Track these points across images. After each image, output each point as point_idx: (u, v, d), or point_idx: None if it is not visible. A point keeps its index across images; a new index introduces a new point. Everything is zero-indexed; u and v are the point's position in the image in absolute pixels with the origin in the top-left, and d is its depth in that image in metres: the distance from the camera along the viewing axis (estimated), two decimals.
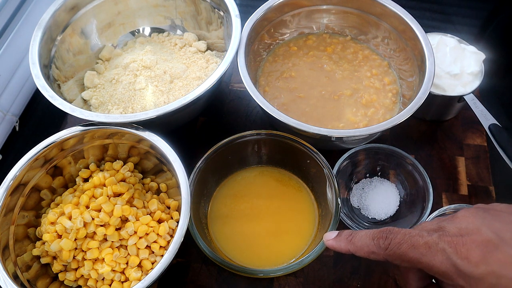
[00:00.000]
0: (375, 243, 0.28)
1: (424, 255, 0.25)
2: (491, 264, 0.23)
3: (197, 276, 0.45)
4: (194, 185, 0.41)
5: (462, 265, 0.24)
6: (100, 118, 0.43)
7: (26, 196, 0.42)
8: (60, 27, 0.52)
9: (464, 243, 0.24)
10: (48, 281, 0.41)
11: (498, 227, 0.24)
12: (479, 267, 0.23)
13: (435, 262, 0.25)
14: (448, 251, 0.24)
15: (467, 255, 0.24)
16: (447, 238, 0.25)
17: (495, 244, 0.23)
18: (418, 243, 0.26)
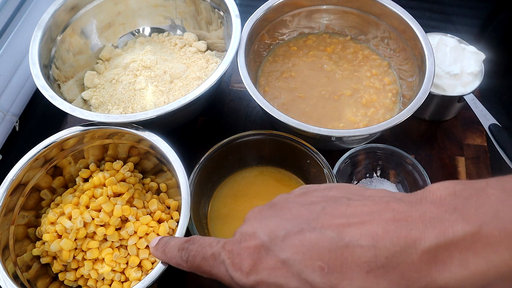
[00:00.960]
0: (180, 254, 0.28)
1: (212, 266, 0.25)
2: (260, 273, 0.22)
3: (197, 276, 0.44)
4: (194, 185, 0.41)
5: (236, 277, 0.23)
6: (100, 118, 0.43)
7: (26, 196, 0.42)
8: (60, 27, 0.52)
9: (238, 252, 0.23)
10: (48, 281, 0.41)
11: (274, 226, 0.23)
12: (249, 277, 0.22)
13: (220, 274, 0.24)
14: (226, 262, 0.24)
15: (240, 265, 0.23)
16: (228, 247, 0.24)
17: (266, 248, 0.22)
18: (207, 255, 0.25)
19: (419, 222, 0.19)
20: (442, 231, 0.18)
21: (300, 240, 0.21)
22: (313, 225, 0.21)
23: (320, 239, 0.20)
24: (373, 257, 0.19)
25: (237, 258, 0.23)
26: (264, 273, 0.21)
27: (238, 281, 0.23)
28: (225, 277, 0.24)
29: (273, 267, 0.21)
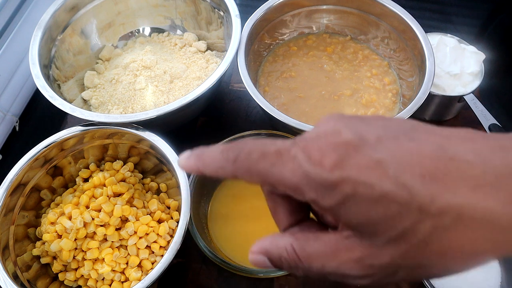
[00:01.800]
0: (223, 156, 0.22)
1: (274, 165, 0.20)
2: (347, 169, 0.18)
3: (197, 276, 0.45)
4: (194, 185, 0.41)
5: (313, 172, 0.18)
6: (100, 118, 0.43)
7: (26, 196, 0.42)
8: (60, 27, 0.52)
9: (319, 147, 0.19)
10: (48, 281, 0.41)
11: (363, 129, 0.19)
12: (333, 172, 0.18)
13: (285, 172, 0.19)
14: (299, 157, 0.19)
15: (321, 160, 0.19)
16: (302, 143, 0.20)
17: (355, 146, 0.18)
18: (269, 151, 0.20)
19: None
20: None
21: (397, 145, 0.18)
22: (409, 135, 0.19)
23: (420, 148, 0.18)
24: (481, 173, 0.17)
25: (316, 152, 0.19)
26: (353, 170, 0.18)
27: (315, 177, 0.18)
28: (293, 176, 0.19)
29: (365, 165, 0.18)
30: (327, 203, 0.19)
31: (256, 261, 0.22)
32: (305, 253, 0.21)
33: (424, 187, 0.17)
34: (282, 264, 0.22)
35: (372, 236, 0.18)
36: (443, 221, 0.17)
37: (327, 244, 0.20)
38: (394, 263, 0.18)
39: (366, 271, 0.19)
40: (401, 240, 0.18)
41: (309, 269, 0.21)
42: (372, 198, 0.18)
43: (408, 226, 0.17)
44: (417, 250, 0.18)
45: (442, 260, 0.18)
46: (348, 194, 0.18)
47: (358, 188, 0.18)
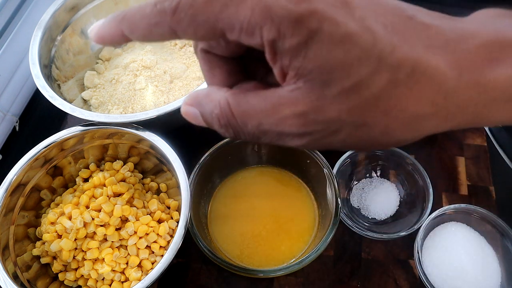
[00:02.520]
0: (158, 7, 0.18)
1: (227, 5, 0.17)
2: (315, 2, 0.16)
3: (197, 276, 0.45)
4: (194, 185, 0.41)
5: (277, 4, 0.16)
6: (100, 118, 0.43)
7: (26, 196, 0.42)
8: (60, 27, 0.52)
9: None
10: (48, 281, 0.41)
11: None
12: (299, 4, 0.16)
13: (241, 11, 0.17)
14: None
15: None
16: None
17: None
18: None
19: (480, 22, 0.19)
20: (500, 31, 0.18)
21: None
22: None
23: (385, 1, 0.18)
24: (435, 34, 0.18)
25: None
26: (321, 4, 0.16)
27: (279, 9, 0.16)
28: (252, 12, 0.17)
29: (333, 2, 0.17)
30: (288, 43, 0.17)
31: (188, 113, 0.21)
32: (240, 109, 0.19)
33: (386, 35, 0.17)
34: (212, 120, 0.20)
35: (324, 85, 0.17)
36: (398, 74, 0.17)
37: (267, 99, 0.18)
38: (339, 118, 0.17)
39: (307, 128, 0.18)
40: (353, 92, 0.17)
41: (242, 127, 0.19)
42: (336, 37, 0.16)
43: (364, 76, 0.17)
44: (365, 106, 0.17)
45: (385, 120, 0.17)
46: (313, 29, 0.16)
47: (324, 24, 0.16)
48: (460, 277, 0.42)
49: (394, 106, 0.17)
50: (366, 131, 0.18)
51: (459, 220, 0.45)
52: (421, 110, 0.17)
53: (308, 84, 0.17)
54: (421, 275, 0.42)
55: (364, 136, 0.18)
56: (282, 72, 0.18)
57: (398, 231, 0.43)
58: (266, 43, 0.17)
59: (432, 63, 0.17)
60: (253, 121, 0.18)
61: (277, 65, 0.18)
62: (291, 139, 0.19)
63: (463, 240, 0.44)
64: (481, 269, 0.42)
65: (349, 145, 0.19)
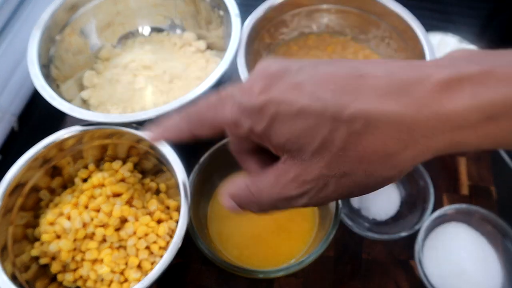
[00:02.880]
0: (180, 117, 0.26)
1: (217, 109, 0.24)
2: (271, 93, 0.21)
3: (197, 277, 0.44)
4: (194, 185, 0.41)
5: (245, 101, 0.22)
6: (99, 118, 0.42)
7: (25, 196, 0.42)
8: (59, 27, 0.52)
9: (250, 80, 0.22)
10: (46, 281, 0.40)
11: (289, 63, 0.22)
12: (259, 97, 0.21)
13: (226, 112, 0.23)
14: (234, 94, 0.23)
15: (250, 89, 0.22)
16: (239, 85, 0.23)
17: (280, 75, 0.21)
18: (212, 100, 0.24)
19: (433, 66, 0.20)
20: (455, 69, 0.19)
21: (315, 70, 0.21)
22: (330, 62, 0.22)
23: (336, 70, 0.21)
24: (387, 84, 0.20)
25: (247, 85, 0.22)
26: (275, 93, 0.21)
27: (246, 104, 0.22)
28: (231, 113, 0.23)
29: (286, 88, 0.21)
30: (259, 128, 0.21)
31: (227, 205, 0.26)
32: (256, 188, 0.24)
33: (336, 99, 0.19)
34: (242, 202, 0.25)
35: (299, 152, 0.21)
36: (354, 126, 0.19)
37: (271, 175, 0.23)
38: (322, 174, 0.21)
39: (302, 188, 0.22)
40: (323, 150, 0.20)
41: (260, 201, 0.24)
42: (292, 113, 0.20)
43: (325, 135, 0.20)
44: (338, 159, 0.20)
45: (362, 165, 0.20)
46: (273, 113, 0.21)
47: (280, 107, 0.20)
48: (460, 278, 0.42)
49: (363, 152, 0.19)
50: (350, 179, 0.20)
51: (460, 220, 0.45)
52: (390, 148, 0.19)
53: (288, 154, 0.22)
54: (421, 275, 0.41)
55: (350, 183, 0.21)
56: (274, 150, 0.23)
57: (399, 231, 0.43)
58: (248, 131, 0.22)
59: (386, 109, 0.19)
60: (265, 195, 0.23)
61: (267, 146, 0.23)
62: (297, 201, 0.22)
63: (464, 240, 0.43)
64: (482, 269, 0.42)
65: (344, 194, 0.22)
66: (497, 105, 0.18)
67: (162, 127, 0.27)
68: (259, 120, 0.21)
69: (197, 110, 0.25)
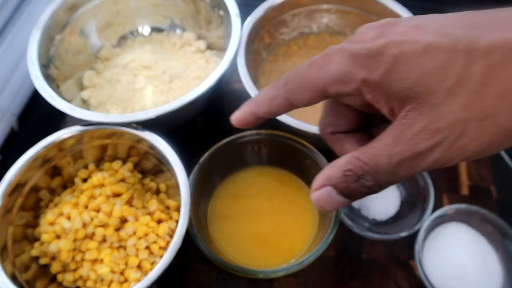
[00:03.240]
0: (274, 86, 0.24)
1: (322, 66, 0.21)
2: (389, 36, 0.19)
3: (197, 277, 0.44)
4: (194, 185, 0.41)
5: (358, 48, 0.19)
6: (99, 118, 0.42)
7: (25, 196, 0.42)
8: (59, 27, 0.51)
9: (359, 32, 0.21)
10: (46, 282, 0.40)
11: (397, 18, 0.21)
12: (375, 41, 0.19)
13: (333, 66, 0.20)
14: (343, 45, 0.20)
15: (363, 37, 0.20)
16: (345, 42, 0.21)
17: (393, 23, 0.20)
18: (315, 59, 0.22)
19: None
20: None
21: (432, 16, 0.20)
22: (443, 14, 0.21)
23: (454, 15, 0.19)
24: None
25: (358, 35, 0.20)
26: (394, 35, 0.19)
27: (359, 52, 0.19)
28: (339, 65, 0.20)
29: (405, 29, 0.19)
30: (377, 74, 0.19)
31: (320, 197, 0.21)
32: (368, 155, 0.20)
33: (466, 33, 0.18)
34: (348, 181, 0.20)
35: (429, 95, 0.18)
36: (494, 57, 0.17)
37: (387, 136, 0.19)
38: (459, 118, 0.18)
39: (433, 139, 0.18)
40: (459, 89, 0.17)
41: (377, 169, 0.19)
42: (418, 50, 0.18)
43: (461, 71, 0.17)
44: (477, 96, 0.17)
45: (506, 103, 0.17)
46: (395, 55, 0.18)
47: (403, 46, 0.18)
48: (461, 278, 0.42)
49: (506, 87, 0.17)
50: (493, 122, 0.17)
51: (460, 220, 0.45)
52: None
53: (414, 103, 0.18)
54: (421, 275, 0.41)
55: (493, 128, 0.18)
56: (389, 108, 0.20)
57: (399, 231, 0.43)
58: (360, 84, 0.19)
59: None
60: (384, 158, 0.19)
61: (380, 102, 0.20)
62: (424, 158, 0.19)
63: (464, 240, 0.43)
64: (482, 269, 0.42)
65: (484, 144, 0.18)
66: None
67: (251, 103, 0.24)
68: (377, 65, 0.19)
69: (296, 72, 0.22)
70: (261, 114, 0.23)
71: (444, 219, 0.45)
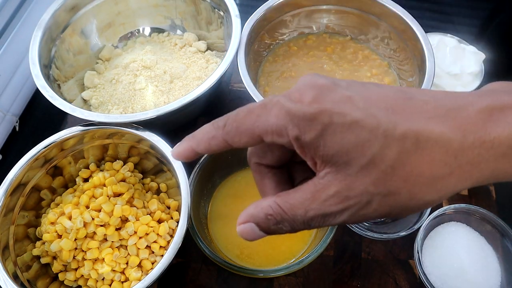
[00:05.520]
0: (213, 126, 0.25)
1: (260, 115, 0.22)
2: (323, 103, 0.20)
3: (197, 276, 0.45)
4: (194, 185, 0.41)
5: (295, 108, 0.21)
6: (100, 118, 0.43)
7: (26, 196, 0.42)
8: (60, 27, 0.52)
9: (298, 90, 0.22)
10: (48, 281, 0.41)
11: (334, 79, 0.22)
12: (311, 106, 0.20)
13: (270, 119, 0.22)
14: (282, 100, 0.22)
15: (301, 98, 0.21)
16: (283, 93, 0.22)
17: (329, 87, 0.21)
18: (254, 106, 0.23)
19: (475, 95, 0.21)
20: (496, 98, 0.20)
21: (364, 88, 0.22)
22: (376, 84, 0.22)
23: (384, 91, 0.21)
24: (434, 108, 0.20)
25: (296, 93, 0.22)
26: (329, 103, 0.20)
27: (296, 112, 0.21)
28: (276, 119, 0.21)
29: (338, 100, 0.21)
30: (308, 137, 0.21)
31: (244, 231, 0.23)
32: (288, 205, 0.22)
33: (388, 117, 0.20)
34: (268, 223, 0.23)
35: (346, 166, 0.20)
36: (405, 145, 0.19)
37: (306, 190, 0.22)
38: (367, 191, 0.20)
39: (343, 204, 0.21)
40: (371, 167, 0.20)
41: (293, 219, 0.22)
42: (345, 125, 0.20)
43: (376, 151, 0.20)
44: (385, 176, 0.20)
45: (407, 186, 0.20)
46: (326, 123, 0.20)
47: (333, 117, 0.20)
48: (460, 277, 0.42)
49: (411, 172, 0.20)
50: (394, 198, 0.20)
51: (459, 220, 0.45)
52: (436, 171, 0.20)
53: (333, 168, 0.21)
54: (421, 275, 0.42)
55: (393, 203, 0.21)
56: (313, 162, 0.22)
57: (398, 231, 0.43)
58: (292, 140, 0.21)
59: (435, 131, 0.20)
60: (300, 211, 0.22)
61: (307, 156, 0.22)
62: (334, 218, 0.22)
63: (463, 240, 0.44)
64: (481, 269, 0.42)
65: (383, 214, 0.21)
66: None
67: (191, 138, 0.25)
68: (309, 129, 0.21)
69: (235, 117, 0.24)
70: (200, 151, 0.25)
71: (444, 219, 0.45)
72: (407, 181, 0.20)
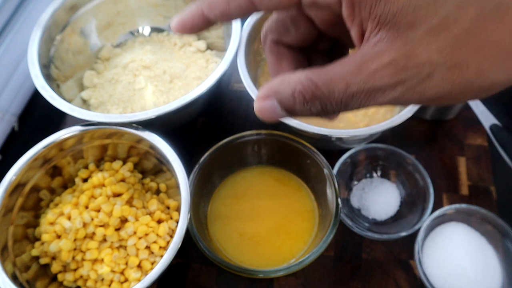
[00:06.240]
0: None
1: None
2: None
3: (197, 277, 0.45)
4: (194, 185, 0.41)
5: None
6: (100, 118, 0.42)
7: (25, 196, 0.42)
8: (59, 27, 0.52)
9: None
10: (47, 281, 0.40)
11: None
12: None
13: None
14: None
15: None
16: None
17: None
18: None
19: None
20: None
21: None
22: None
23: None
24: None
25: None
26: None
27: None
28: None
29: None
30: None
31: (263, 108, 0.19)
32: (323, 78, 0.18)
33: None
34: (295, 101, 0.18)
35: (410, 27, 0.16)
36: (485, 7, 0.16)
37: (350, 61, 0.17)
38: (430, 60, 0.17)
39: (399, 75, 0.17)
40: (441, 29, 0.16)
41: (329, 96, 0.18)
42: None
43: (451, 10, 0.16)
44: (456, 43, 0.16)
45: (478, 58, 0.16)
46: None
47: None
48: (460, 278, 0.42)
49: (485, 42, 0.16)
50: (459, 72, 0.17)
51: (459, 220, 0.45)
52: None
53: (391, 31, 0.17)
54: (421, 275, 0.41)
55: (457, 78, 0.17)
56: (360, 30, 0.18)
57: (399, 231, 0.43)
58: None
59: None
60: (340, 85, 0.17)
61: (355, 21, 0.18)
62: (382, 94, 0.17)
63: (463, 240, 0.43)
64: (481, 269, 0.42)
65: (442, 93, 0.17)
66: None
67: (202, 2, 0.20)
68: None
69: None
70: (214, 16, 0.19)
71: (444, 219, 0.45)
72: (479, 52, 0.16)
